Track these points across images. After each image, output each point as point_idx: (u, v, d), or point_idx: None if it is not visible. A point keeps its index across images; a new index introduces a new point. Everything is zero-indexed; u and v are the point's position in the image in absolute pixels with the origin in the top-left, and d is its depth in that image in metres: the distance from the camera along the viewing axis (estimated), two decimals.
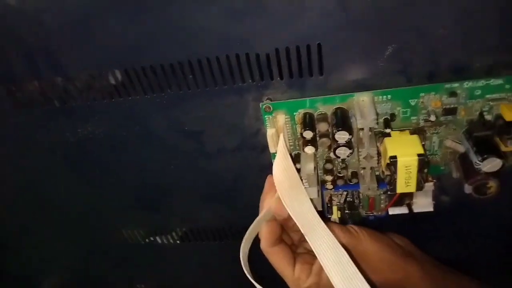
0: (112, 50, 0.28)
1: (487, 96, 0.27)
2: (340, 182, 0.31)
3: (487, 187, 0.27)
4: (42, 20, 0.27)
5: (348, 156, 0.27)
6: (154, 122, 0.32)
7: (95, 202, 0.39)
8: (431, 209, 0.33)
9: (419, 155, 0.26)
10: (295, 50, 0.27)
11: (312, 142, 0.28)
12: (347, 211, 0.34)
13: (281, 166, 0.27)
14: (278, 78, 0.28)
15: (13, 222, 0.43)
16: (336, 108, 0.28)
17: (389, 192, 0.31)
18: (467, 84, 0.26)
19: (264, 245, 0.29)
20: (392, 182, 0.28)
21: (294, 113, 0.29)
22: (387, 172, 0.28)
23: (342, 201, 0.33)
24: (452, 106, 0.27)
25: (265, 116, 0.29)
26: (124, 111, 0.31)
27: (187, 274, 0.47)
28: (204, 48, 0.27)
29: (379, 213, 0.35)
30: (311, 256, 0.30)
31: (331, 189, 0.32)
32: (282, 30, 0.26)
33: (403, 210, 0.34)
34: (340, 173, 0.31)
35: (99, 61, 0.29)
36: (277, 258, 0.29)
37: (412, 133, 0.28)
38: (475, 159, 0.26)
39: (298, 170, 0.29)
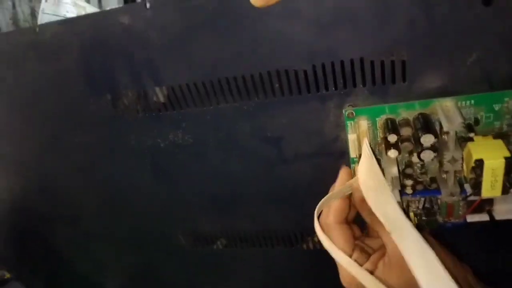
0: (207, 63, 0.31)
1: None
2: (419, 187, 0.32)
3: None
4: (147, 37, 0.31)
5: (432, 160, 0.28)
6: (238, 128, 0.34)
7: (173, 205, 0.42)
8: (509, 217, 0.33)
9: (506, 158, 0.26)
10: (378, 58, 0.28)
11: (395, 145, 0.29)
12: (424, 218, 0.34)
13: (367, 167, 0.28)
14: (361, 86, 0.30)
15: (92, 221, 0.46)
16: (419, 114, 0.29)
17: (473, 196, 0.31)
18: None
19: (331, 219, 0.30)
20: (477, 186, 0.28)
21: (376, 119, 0.30)
22: (471, 175, 0.28)
23: (420, 207, 0.33)
24: None
25: (348, 122, 0.31)
26: (211, 119, 0.34)
27: (255, 281, 0.48)
28: (291, 59, 0.30)
29: (457, 220, 0.35)
30: (371, 250, 0.31)
31: (410, 194, 0.32)
32: (367, 39, 0.28)
33: (483, 217, 0.33)
34: (419, 178, 0.32)
35: (195, 73, 0.32)
36: (339, 235, 0.30)
37: (495, 137, 0.29)
38: None
39: None
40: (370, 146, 0.30)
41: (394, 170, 0.29)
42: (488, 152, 0.27)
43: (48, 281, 0.57)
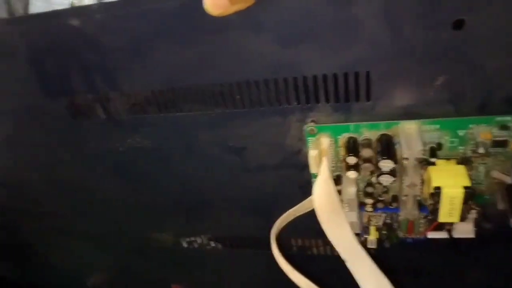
0: (164, 71, 0.29)
1: None
2: (380, 205, 0.31)
3: None
4: (99, 41, 0.29)
5: (388, 186, 0.28)
6: (199, 137, 0.33)
7: (139, 206, 0.41)
8: (472, 235, 0.33)
9: (465, 187, 0.26)
10: (343, 76, 0.27)
11: (355, 166, 0.28)
12: (385, 232, 0.34)
13: (323, 190, 0.28)
14: (324, 102, 0.28)
15: (62, 221, 0.46)
16: (382, 135, 0.28)
17: (430, 218, 0.31)
18: None
19: None
20: (435, 212, 0.28)
21: (338, 137, 0.29)
22: (430, 201, 0.28)
23: (380, 223, 0.33)
24: (502, 138, 0.26)
25: (309, 138, 0.30)
26: (171, 126, 0.33)
27: (224, 279, 0.48)
28: (252, 72, 0.28)
29: (418, 236, 0.34)
30: None
31: (370, 211, 0.32)
32: (331, 57, 0.26)
33: (442, 234, 0.33)
34: (380, 197, 0.31)
35: (152, 80, 0.30)
36: None
37: (458, 162, 0.28)
38: None
39: (339, 192, 0.30)
40: (330, 166, 0.29)
41: (351, 191, 0.29)
42: (448, 179, 0.26)
43: (25, 276, 0.57)
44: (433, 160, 0.27)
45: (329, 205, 0.27)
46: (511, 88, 0.25)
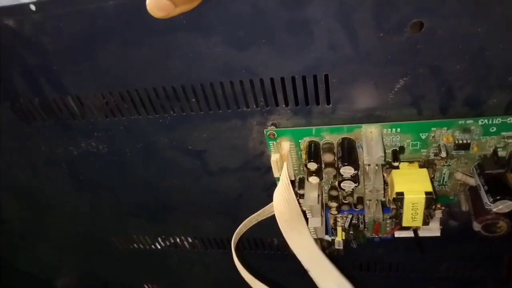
0: (113, 73, 0.27)
1: (503, 133, 0.25)
2: (345, 208, 0.31)
3: (497, 227, 0.26)
4: (39, 42, 0.27)
5: (352, 190, 0.27)
6: (157, 140, 0.32)
7: (101, 210, 0.40)
8: (438, 234, 0.33)
9: (427, 193, 0.25)
10: (301, 79, 0.25)
11: (317, 171, 0.27)
12: (352, 233, 0.34)
13: (283, 197, 0.27)
14: (284, 105, 0.27)
15: (23, 226, 0.44)
16: (343, 138, 0.27)
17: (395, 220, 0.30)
18: (482, 121, 0.25)
19: None
20: (398, 216, 0.27)
21: (300, 141, 0.28)
22: (393, 206, 0.27)
23: (346, 224, 0.32)
24: (465, 141, 0.26)
25: (270, 142, 0.28)
26: (126, 129, 0.31)
27: (193, 279, 0.47)
28: (206, 74, 0.26)
29: (385, 235, 0.34)
30: None
31: (335, 214, 0.31)
32: (287, 60, 0.25)
33: (409, 233, 0.33)
34: (345, 200, 0.30)
35: (100, 83, 0.28)
36: None
37: (421, 165, 0.27)
38: (486, 199, 0.25)
39: (302, 196, 0.29)
40: (291, 171, 0.28)
41: (314, 196, 0.28)
42: (410, 185, 0.26)
43: None
44: (395, 164, 0.27)
45: (289, 213, 0.26)
46: (472, 90, 0.24)
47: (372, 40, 0.23)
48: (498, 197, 0.24)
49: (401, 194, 0.25)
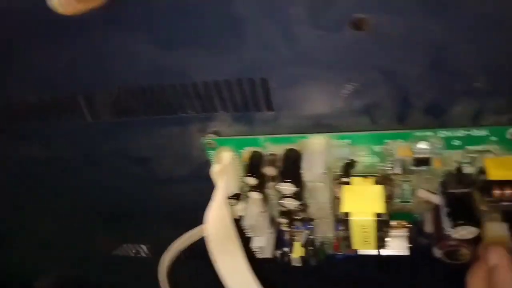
0: (38, 77, 0.25)
1: (468, 147, 0.22)
2: (298, 224, 0.28)
3: (459, 254, 0.23)
4: None
5: (297, 208, 0.24)
6: (98, 147, 0.29)
7: (64, 217, 0.38)
8: (407, 253, 0.29)
9: (377, 215, 0.22)
10: (237, 83, 0.22)
11: (259, 186, 0.24)
12: (311, 248, 0.31)
13: (216, 215, 0.24)
14: (222, 111, 0.24)
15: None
16: (288, 150, 0.24)
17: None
18: (443, 133, 0.21)
19: None
20: (347, 238, 0.24)
21: (241, 151, 0.25)
22: (341, 227, 0.24)
23: (302, 241, 0.29)
24: (424, 156, 0.22)
25: (209, 152, 0.26)
26: (65, 135, 0.29)
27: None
28: (135, 76, 0.24)
29: (348, 252, 0.31)
30: None
31: (288, 230, 0.28)
32: (220, 62, 0.22)
33: (373, 252, 0.30)
34: (297, 216, 0.27)
35: (26, 87, 0.26)
36: None
37: (377, 181, 0.24)
38: (446, 223, 0.22)
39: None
40: (229, 185, 0.25)
41: (253, 214, 0.25)
42: (361, 204, 0.23)
43: None
44: (346, 180, 0.23)
45: (222, 233, 0.24)
46: (432, 97, 0.21)
47: (311, 39, 0.20)
48: (459, 222, 0.21)
49: (347, 214, 0.22)
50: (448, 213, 0.22)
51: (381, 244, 0.24)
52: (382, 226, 0.22)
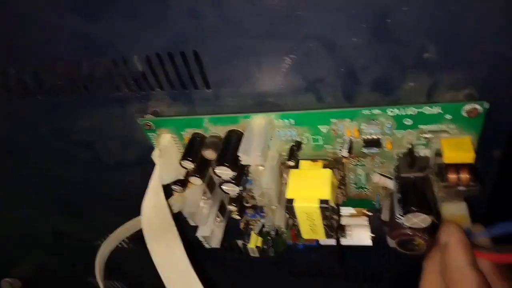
0: None
1: (422, 127, 0.19)
2: (250, 212, 0.26)
3: (414, 244, 0.21)
4: None
5: (238, 194, 0.22)
6: (36, 128, 0.27)
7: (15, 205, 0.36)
8: (369, 243, 0.27)
9: (321, 201, 0.20)
10: (168, 57, 0.20)
11: (199, 171, 0.22)
12: (270, 238, 0.29)
13: (152, 202, 0.22)
14: (158, 89, 0.22)
15: None
16: (230, 131, 0.22)
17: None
18: (393, 112, 0.19)
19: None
20: (295, 227, 0.22)
21: (182, 132, 0.23)
22: (287, 215, 0.22)
23: (257, 231, 0.27)
24: (373, 137, 0.20)
25: (148, 134, 0.24)
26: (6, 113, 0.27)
27: (130, 273, 0.44)
28: (61, 50, 0.22)
29: (309, 242, 0.29)
30: None
31: (240, 219, 0.26)
32: (146, 34, 0.20)
33: (332, 241, 0.28)
34: (248, 203, 0.25)
35: None
36: None
37: (326, 165, 0.22)
38: (398, 210, 0.20)
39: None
40: (166, 170, 0.23)
41: (193, 201, 0.23)
42: (306, 190, 0.21)
43: None
44: (291, 163, 0.22)
45: (158, 222, 0.22)
46: (380, 71, 0.19)
47: (240, 5, 0.18)
48: (410, 209, 0.19)
49: (290, 201, 0.20)
50: (399, 200, 0.20)
51: (331, 233, 0.22)
52: (329, 214, 0.20)
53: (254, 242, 0.29)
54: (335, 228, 0.22)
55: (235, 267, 0.37)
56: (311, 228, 0.21)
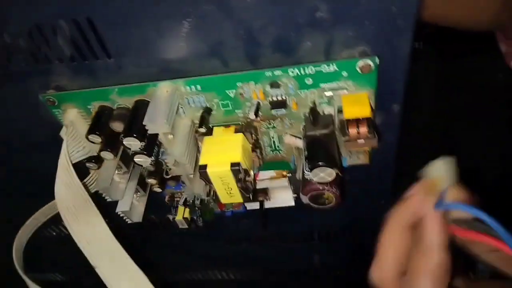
0: None
1: (322, 85, 0.20)
2: (172, 183, 0.26)
3: (324, 198, 0.22)
4: None
5: (152, 165, 0.22)
6: None
7: None
8: (292, 203, 0.28)
9: (232, 164, 0.20)
10: (60, 26, 0.19)
11: (109, 144, 0.22)
12: (197, 208, 0.29)
13: (62, 180, 0.21)
14: (57, 62, 0.21)
15: None
16: (137, 101, 0.21)
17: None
18: (293, 72, 0.20)
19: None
20: (214, 193, 0.22)
21: (88, 106, 0.22)
22: (204, 181, 0.22)
23: (181, 202, 0.27)
24: (279, 98, 0.21)
25: (53, 111, 0.23)
26: None
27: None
28: None
29: (236, 208, 0.30)
30: None
31: (161, 192, 0.26)
32: (35, 1, 0.18)
33: (257, 206, 0.29)
34: (168, 174, 0.25)
35: None
36: None
37: (239, 129, 0.22)
38: (305, 167, 0.21)
39: None
40: (72, 147, 0.22)
41: (105, 176, 0.23)
42: (218, 155, 0.21)
43: None
44: (202, 130, 0.22)
45: (72, 199, 0.21)
46: (277, 31, 0.19)
47: None
48: (315, 164, 0.20)
49: (204, 167, 0.20)
50: (306, 157, 0.21)
51: (247, 195, 0.22)
52: (242, 177, 0.21)
53: (181, 213, 0.29)
54: (250, 190, 0.22)
55: (171, 242, 0.37)
56: (228, 192, 0.22)
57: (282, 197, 0.28)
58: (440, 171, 0.19)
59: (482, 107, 0.40)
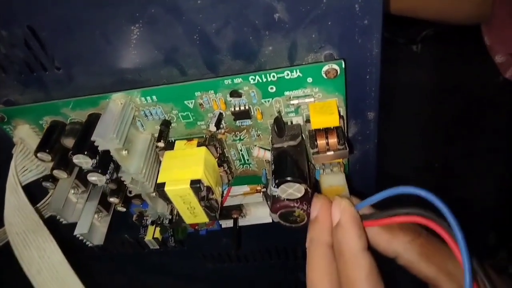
0: None
1: (287, 93, 0.19)
2: (137, 202, 0.24)
3: (295, 216, 0.20)
4: None
5: (108, 183, 0.20)
6: None
7: None
8: (269, 220, 0.27)
9: (192, 182, 0.19)
10: (4, 38, 0.18)
11: (63, 162, 0.20)
12: (164, 227, 0.27)
13: (12, 204, 0.19)
14: (3, 74, 0.20)
15: None
16: (90, 115, 0.20)
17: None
18: (254, 79, 0.18)
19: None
20: (178, 212, 0.21)
21: (40, 122, 0.21)
22: (163, 200, 0.20)
23: (149, 221, 0.26)
24: (241, 108, 0.19)
25: (4, 127, 0.21)
26: None
27: None
28: None
29: (210, 226, 0.28)
30: None
31: (126, 210, 0.24)
32: None
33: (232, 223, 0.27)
34: (131, 193, 0.23)
35: None
36: None
37: (203, 142, 0.20)
38: (271, 182, 0.19)
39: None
40: (23, 165, 0.21)
41: (59, 197, 0.21)
42: (177, 171, 0.19)
43: None
44: (160, 145, 0.20)
45: (23, 222, 0.19)
46: (234, 36, 0.18)
47: None
48: (281, 180, 0.18)
49: (161, 185, 0.19)
50: (272, 171, 0.19)
51: (212, 214, 0.21)
52: (205, 194, 0.19)
53: (151, 234, 0.27)
54: (216, 208, 0.21)
55: (149, 262, 0.35)
56: (191, 212, 0.20)
57: (258, 213, 0.27)
58: (332, 182, 0.20)
59: (478, 111, 0.38)
